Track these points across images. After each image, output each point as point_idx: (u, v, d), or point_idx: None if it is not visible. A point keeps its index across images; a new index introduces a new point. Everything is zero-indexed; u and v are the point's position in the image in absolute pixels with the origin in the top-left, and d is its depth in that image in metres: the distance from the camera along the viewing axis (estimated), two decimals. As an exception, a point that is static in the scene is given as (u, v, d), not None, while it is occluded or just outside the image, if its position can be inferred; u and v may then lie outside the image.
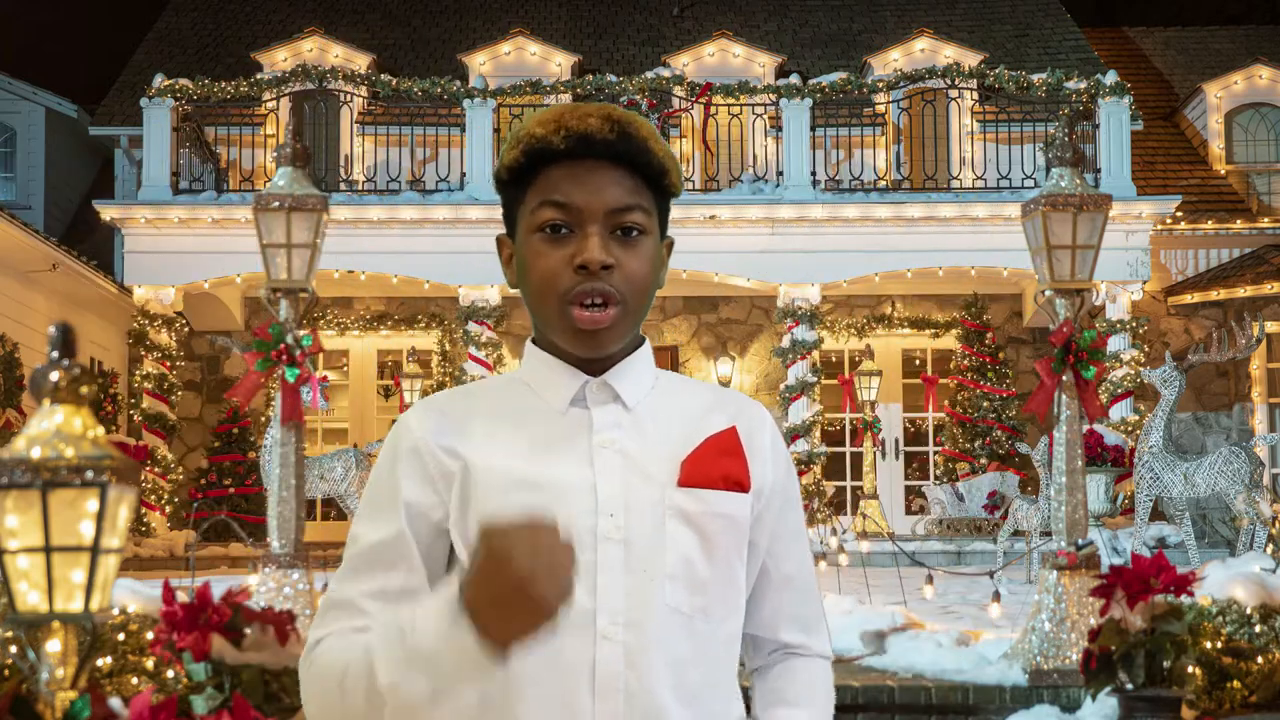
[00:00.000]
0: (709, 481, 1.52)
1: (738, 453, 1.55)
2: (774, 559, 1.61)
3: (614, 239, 1.51)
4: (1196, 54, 20.96)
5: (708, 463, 1.53)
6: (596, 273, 1.49)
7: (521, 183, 1.55)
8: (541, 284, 1.51)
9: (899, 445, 17.58)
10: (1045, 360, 6.13)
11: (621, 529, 1.48)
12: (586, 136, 1.50)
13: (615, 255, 1.50)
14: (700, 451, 1.53)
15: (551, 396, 1.55)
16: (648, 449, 1.53)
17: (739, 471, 1.54)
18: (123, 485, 1.27)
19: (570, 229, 1.51)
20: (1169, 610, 4.96)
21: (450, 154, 16.27)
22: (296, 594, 6.21)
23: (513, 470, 1.49)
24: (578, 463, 1.50)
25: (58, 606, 1.26)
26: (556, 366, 1.55)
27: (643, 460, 1.52)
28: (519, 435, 1.52)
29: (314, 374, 6.63)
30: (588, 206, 1.50)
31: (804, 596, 1.64)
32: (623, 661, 1.45)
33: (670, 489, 1.51)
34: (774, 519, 1.60)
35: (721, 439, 1.55)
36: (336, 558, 9.38)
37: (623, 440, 1.52)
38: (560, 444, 1.52)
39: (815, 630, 1.65)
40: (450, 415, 1.55)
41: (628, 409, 1.55)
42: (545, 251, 1.51)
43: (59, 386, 1.28)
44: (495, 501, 1.46)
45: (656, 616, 1.47)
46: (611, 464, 1.50)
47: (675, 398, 1.59)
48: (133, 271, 15.32)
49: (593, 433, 1.52)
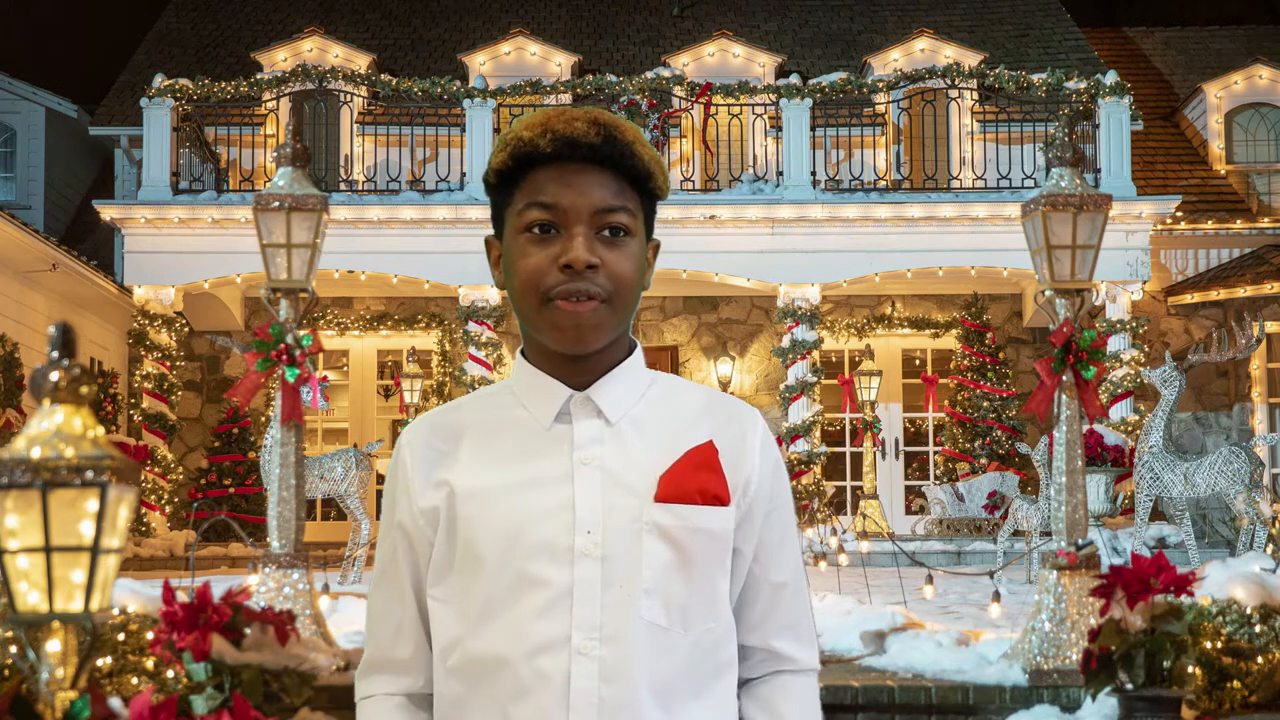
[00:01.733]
0: (686, 496, 1.53)
1: (715, 467, 1.55)
2: (761, 566, 1.60)
3: (599, 240, 1.53)
4: (1196, 54, 20.96)
5: (685, 477, 1.53)
6: (581, 272, 1.50)
7: (509, 185, 1.57)
8: (526, 283, 1.53)
9: (899, 445, 17.58)
10: (1045, 360, 6.12)
11: (599, 545, 1.50)
12: (572, 140, 1.52)
13: (600, 255, 1.52)
14: (678, 467, 1.54)
15: (536, 411, 1.57)
16: (628, 463, 1.54)
17: (717, 485, 1.55)
18: (123, 485, 1.27)
19: (556, 229, 1.53)
20: (1169, 610, 4.96)
21: (450, 154, 16.28)
22: (296, 594, 6.21)
23: (493, 491, 1.53)
24: (557, 480, 1.52)
25: (58, 606, 1.26)
26: (541, 380, 1.58)
27: (622, 475, 1.53)
28: (503, 453, 1.56)
29: (314, 374, 6.63)
30: (573, 207, 1.52)
31: (795, 604, 1.63)
32: (598, 677, 1.47)
33: (648, 504, 1.52)
34: (760, 525, 1.59)
35: (698, 453, 1.55)
36: (336, 558, 9.43)
37: (603, 456, 1.54)
38: (541, 461, 1.54)
39: (806, 641, 1.64)
40: (444, 438, 1.60)
41: (610, 424, 1.55)
42: (531, 251, 1.53)
43: (59, 386, 1.28)
44: (477, 526, 1.53)
45: (634, 631, 1.49)
46: (591, 480, 1.52)
47: (664, 407, 1.60)
48: (133, 271, 15.32)
49: (574, 449, 1.54)
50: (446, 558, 1.55)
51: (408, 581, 1.59)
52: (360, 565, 10.84)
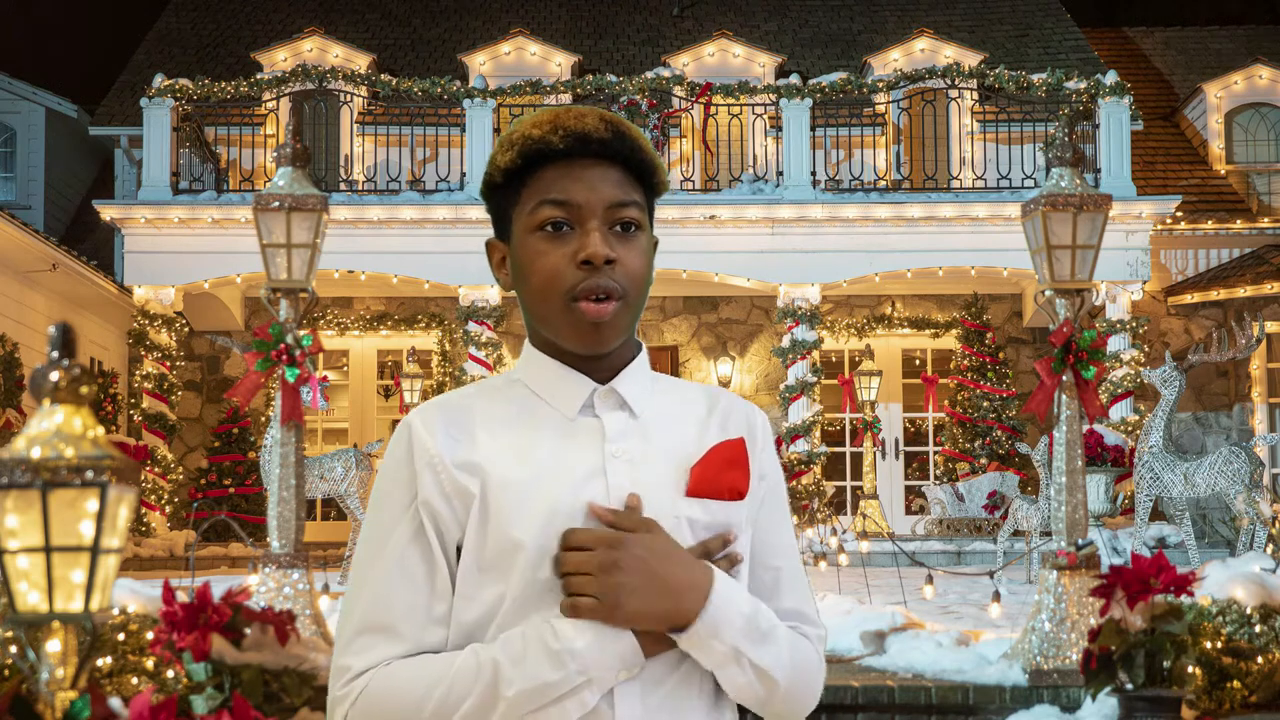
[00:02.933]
0: (716, 492, 1.54)
1: (743, 464, 1.56)
2: (760, 553, 1.60)
3: (613, 234, 1.53)
4: (1196, 54, 20.96)
5: (714, 472, 1.54)
6: (600, 267, 1.50)
7: (516, 185, 1.55)
8: (544, 283, 1.52)
9: (899, 445, 17.58)
10: (1045, 360, 6.12)
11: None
12: (584, 135, 1.52)
13: (615, 250, 1.51)
14: (707, 461, 1.54)
15: (561, 403, 1.55)
16: (655, 457, 1.53)
17: (743, 482, 1.56)
18: (123, 485, 1.27)
19: (571, 226, 1.52)
20: (1169, 610, 4.96)
21: (450, 154, 16.29)
22: (296, 594, 6.21)
23: (528, 482, 1.49)
24: (589, 474, 1.51)
25: (58, 606, 1.26)
26: (563, 372, 1.56)
27: (651, 468, 1.52)
28: (533, 446, 1.52)
29: (314, 374, 6.63)
30: (587, 203, 1.51)
31: (793, 588, 1.62)
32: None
33: (679, 498, 1.52)
34: (764, 514, 1.61)
35: (728, 449, 1.56)
36: (336, 558, 9.42)
37: (633, 449, 1.53)
38: (573, 455, 1.52)
39: (810, 622, 1.63)
40: (460, 425, 1.53)
41: (635, 416, 1.55)
42: (546, 250, 1.52)
43: (59, 386, 1.28)
44: (514, 518, 1.47)
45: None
46: (623, 474, 1.51)
47: (673, 403, 1.60)
48: (133, 271, 15.32)
49: (605, 442, 1.53)
50: (478, 551, 1.48)
51: (439, 557, 1.49)
52: (360, 565, 10.82)
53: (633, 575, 1.43)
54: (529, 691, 1.41)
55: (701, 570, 1.48)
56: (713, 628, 1.46)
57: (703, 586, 1.47)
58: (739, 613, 1.49)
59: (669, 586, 1.45)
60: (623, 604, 1.43)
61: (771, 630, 1.52)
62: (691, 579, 1.46)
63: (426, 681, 1.44)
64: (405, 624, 1.47)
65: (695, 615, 1.45)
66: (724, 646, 1.48)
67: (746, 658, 1.49)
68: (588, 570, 1.43)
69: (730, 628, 1.47)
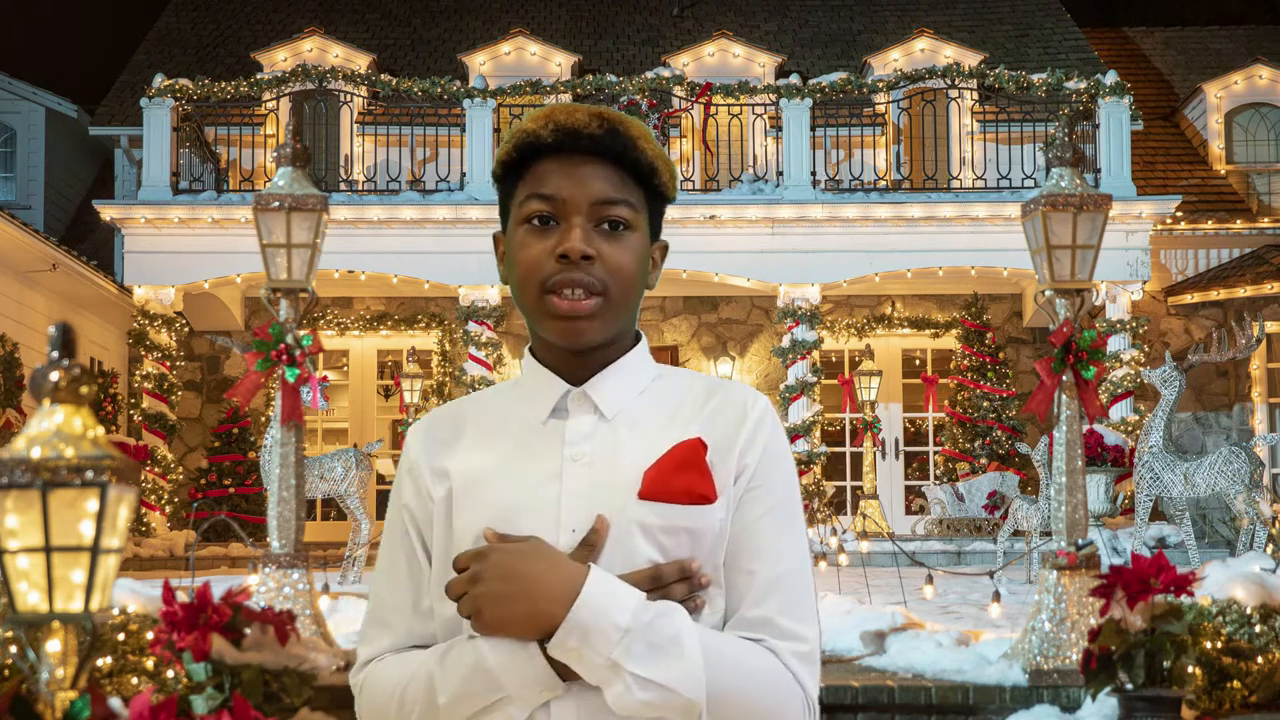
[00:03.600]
0: (669, 495, 1.48)
1: (700, 465, 1.49)
2: (733, 555, 1.50)
3: (599, 232, 1.52)
4: (1196, 54, 20.96)
5: (668, 475, 1.49)
6: (577, 262, 1.50)
7: (513, 178, 1.57)
8: (525, 274, 1.53)
9: (899, 445, 17.58)
10: (1045, 360, 6.12)
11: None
12: (574, 131, 1.52)
13: (598, 247, 1.51)
14: (661, 464, 1.49)
15: (534, 406, 1.57)
16: (618, 460, 1.51)
17: (703, 485, 1.48)
18: (123, 485, 1.27)
19: (555, 220, 1.53)
20: (1169, 610, 4.96)
21: (450, 154, 16.28)
22: (296, 594, 6.21)
23: (484, 483, 1.53)
24: (546, 477, 1.51)
25: (58, 606, 1.26)
26: (542, 375, 1.57)
27: (611, 472, 1.50)
28: (498, 449, 1.56)
29: (314, 374, 6.63)
30: (572, 198, 1.52)
31: (766, 596, 1.48)
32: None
33: (632, 501, 1.48)
34: (744, 513, 1.50)
35: (683, 450, 1.50)
36: (336, 558, 9.44)
37: (593, 452, 1.52)
38: (532, 458, 1.53)
39: (784, 634, 1.47)
40: (447, 431, 1.61)
41: (606, 419, 1.54)
42: (530, 242, 1.53)
43: (59, 386, 1.28)
44: (466, 518, 1.52)
45: None
46: (579, 477, 1.50)
47: (665, 401, 1.57)
48: (133, 271, 15.32)
49: (564, 445, 1.53)
50: (443, 551, 1.53)
51: (419, 556, 1.57)
52: (360, 565, 10.84)
53: (492, 583, 1.42)
54: (454, 702, 1.46)
55: (572, 573, 1.41)
56: (581, 635, 1.38)
57: (570, 589, 1.39)
58: (613, 624, 1.38)
59: (527, 591, 1.40)
60: (483, 612, 1.42)
61: (674, 640, 1.39)
62: (556, 580, 1.40)
63: (398, 679, 1.53)
64: (395, 617, 1.58)
65: (559, 619, 1.38)
66: (599, 658, 1.38)
67: (628, 672, 1.38)
68: (463, 589, 1.44)
69: (602, 637, 1.38)
